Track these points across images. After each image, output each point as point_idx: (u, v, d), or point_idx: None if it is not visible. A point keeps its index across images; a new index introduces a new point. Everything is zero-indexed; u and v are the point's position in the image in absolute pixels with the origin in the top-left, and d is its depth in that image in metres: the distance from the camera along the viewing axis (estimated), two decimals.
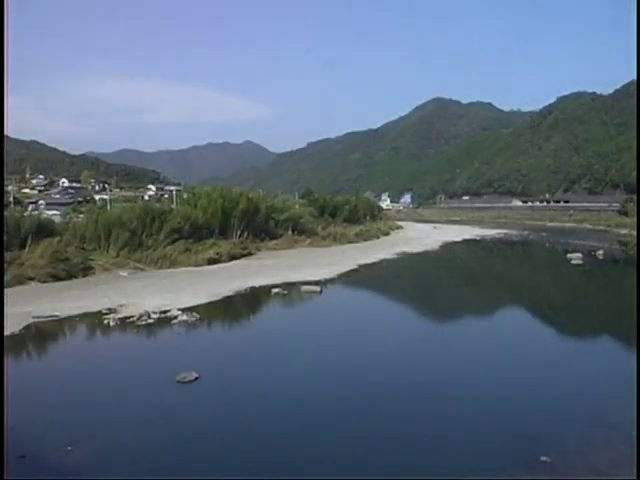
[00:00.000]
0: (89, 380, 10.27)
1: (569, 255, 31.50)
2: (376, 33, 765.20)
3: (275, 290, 19.13)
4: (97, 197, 71.17)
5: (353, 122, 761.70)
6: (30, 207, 46.54)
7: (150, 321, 14.23)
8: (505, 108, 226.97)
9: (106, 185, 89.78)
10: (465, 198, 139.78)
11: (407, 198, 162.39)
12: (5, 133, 68.60)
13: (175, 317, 14.59)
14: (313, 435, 7.91)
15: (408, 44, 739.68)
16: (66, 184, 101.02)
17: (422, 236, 50.00)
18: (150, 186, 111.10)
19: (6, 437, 5.56)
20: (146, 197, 71.91)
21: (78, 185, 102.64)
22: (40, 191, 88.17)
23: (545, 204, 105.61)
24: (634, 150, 75.38)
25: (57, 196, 77.68)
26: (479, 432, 7.90)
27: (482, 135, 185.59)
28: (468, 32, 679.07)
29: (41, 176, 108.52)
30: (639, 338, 11.07)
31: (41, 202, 60.74)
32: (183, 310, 15.24)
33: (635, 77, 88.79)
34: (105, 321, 14.25)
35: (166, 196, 63.48)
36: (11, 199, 50.70)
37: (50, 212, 38.50)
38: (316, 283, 20.46)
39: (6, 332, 12.38)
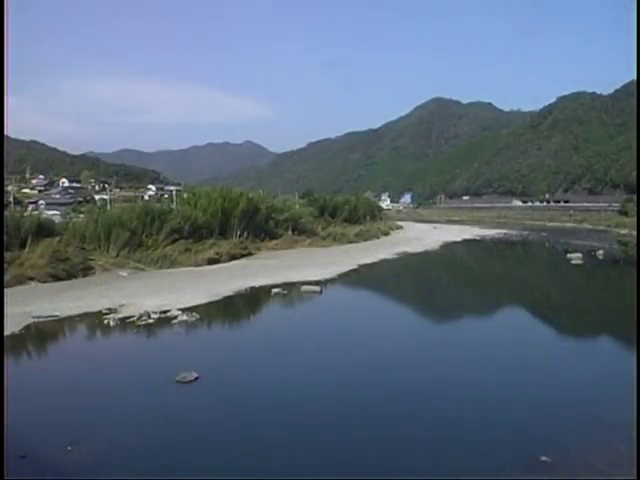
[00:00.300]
0: (89, 380, 10.27)
1: (569, 255, 31.49)
2: (376, 33, 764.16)
3: (275, 290, 19.13)
4: (97, 197, 71.23)
5: (353, 122, 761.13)
6: (30, 207, 46.49)
7: (150, 321, 14.23)
8: (505, 108, 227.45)
9: (106, 185, 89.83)
10: (465, 198, 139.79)
11: (407, 198, 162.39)
12: (5, 133, 68.57)
13: (175, 317, 14.59)
14: (313, 435, 7.90)
15: (408, 44, 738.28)
16: (66, 184, 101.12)
17: (422, 236, 50.01)
18: (150, 186, 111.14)
19: (6, 437, 5.55)
20: (146, 197, 71.96)
21: (78, 185, 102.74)
22: (40, 191, 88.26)
23: (545, 204, 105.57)
24: (634, 150, 75.35)
25: (57, 196, 77.75)
26: (479, 432, 7.90)
27: (482, 135, 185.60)
28: (468, 32, 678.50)
29: (41, 176, 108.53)
30: (639, 338, 11.07)
31: (41, 202, 60.78)
32: (183, 310, 15.24)
33: (635, 77, 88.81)
34: (105, 321, 14.25)
35: (166, 196, 63.44)
36: (11, 199, 50.68)
37: (50, 212, 38.50)
38: (316, 283, 20.46)
39: (6, 332, 12.38)
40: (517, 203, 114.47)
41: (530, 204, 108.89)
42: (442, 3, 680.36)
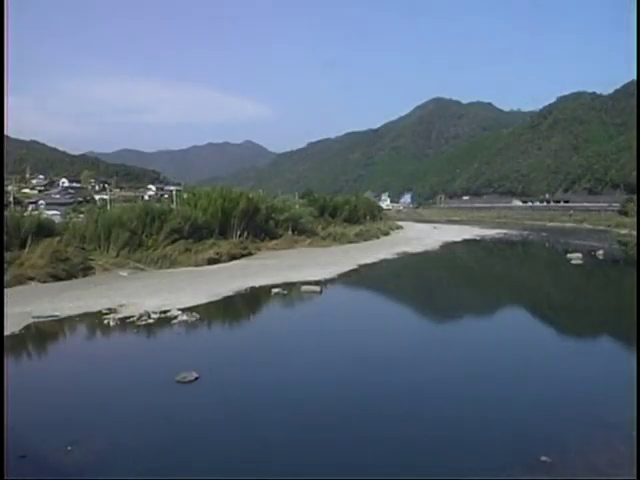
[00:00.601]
0: (89, 380, 10.27)
1: (569, 255, 31.49)
2: (376, 33, 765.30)
3: (275, 290, 19.12)
4: (97, 197, 71.19)
5: (353, 122, 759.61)
6: (30, 207, 46.49)
7: (150, 321, 14.23)
8: (505, 108, 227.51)
9: (106, 185, 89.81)
10: (465, 198, 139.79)
11: (407, 198, 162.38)
12: (5, 133, 68.55)
13: (175, 317, 14.59)
14: (313, 435, 7.90)
15: (408, 44, 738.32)
16: (66, 184, 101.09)
17: (422, 236, 50.01)
18: (150, 186, 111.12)
19: (6, 437, 5.56)
20: (146, 197, 71.91)
21: (78, 185, 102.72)
22: (40, 191, 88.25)
23: (545, 204, 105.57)
24: (634, 150, 75.34)
25: (57, 196, 77.72)
26: (479, 432, 7.90)
27: (482, 135, 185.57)
28: (468, 32, 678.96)
29: (41, 176, 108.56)
30: (639, 338, 11.07)
31: (41, 202, 60.76)
32: (183, 310, 15.24)
33: (635, 77, 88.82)
34: (105, 321, 14.25)
35: (166, 196, 63.42)
36: (11, 199, 50.66)
37: (50, 212, 38.49)
38: (316, 283, 20.46)
39: (6, 332, 12.38)
40: (517, 203, 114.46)
41: (530, 204, 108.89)
42: (442, 3, 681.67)
